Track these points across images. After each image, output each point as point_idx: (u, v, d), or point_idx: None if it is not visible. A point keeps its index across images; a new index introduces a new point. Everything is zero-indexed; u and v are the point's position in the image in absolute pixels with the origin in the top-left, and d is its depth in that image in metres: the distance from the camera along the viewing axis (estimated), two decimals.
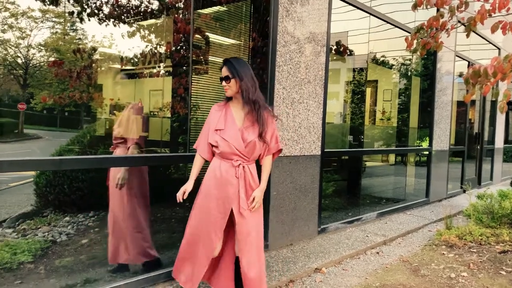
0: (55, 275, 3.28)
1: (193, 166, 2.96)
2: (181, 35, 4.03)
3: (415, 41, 4.40)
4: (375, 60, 7.01)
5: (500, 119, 11.01)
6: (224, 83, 2.88)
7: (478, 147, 10.15)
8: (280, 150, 3.07)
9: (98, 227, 3.82)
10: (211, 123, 2.91)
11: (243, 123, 2.88)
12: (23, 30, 3.49)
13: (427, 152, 7.62)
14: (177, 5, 4.30)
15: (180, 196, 2.85)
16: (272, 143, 2.97)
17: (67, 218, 3.79)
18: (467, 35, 4.16)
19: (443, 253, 4.70)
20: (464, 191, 8.58)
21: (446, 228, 5.47)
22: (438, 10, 4.71)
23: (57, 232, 3.64)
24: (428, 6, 3.93)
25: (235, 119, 2.89)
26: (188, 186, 2.87)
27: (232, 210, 2.87)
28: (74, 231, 3.74)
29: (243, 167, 2.87)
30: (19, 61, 3.61)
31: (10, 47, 3.52)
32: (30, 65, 3.68)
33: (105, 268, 3.42)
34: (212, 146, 2.91)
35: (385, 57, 7.27)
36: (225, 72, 2.87)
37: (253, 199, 2.89)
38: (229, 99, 2.98)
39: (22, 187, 3.85)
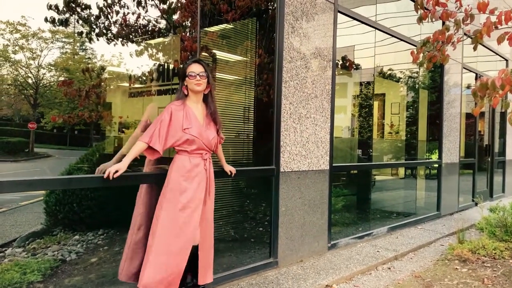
0: None
1: (133, 150, 2.88)
2: (188, 53, 4.08)
3: (421, 55, 4.41)
4: (382, 74, 7.01)
5: (510, 130, 10.90)
6: (198, 77, 3.05)
7: (489, 159, 10.03)
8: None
9: (108, 245, 3.82)
10: (175, 122, 2.99)
11: (204, 121, 3.14)
12: (33, 51, 3.55)
13: (437, 165, 7.55)
14: (184, 23, 4.35)
15: (111, 174, 2.77)
16: (221, 136, 3.34)
17: (76, 237, 3.79)
18: (474, 48, 4.15)
19: (456, 268, 4.62)
20: (476, 204, 8.46)
21: (458, 242, 5.38)
22: (443, 23, 4.72)
23: (66, 251, 3.64)
24: (433, 19, 3.94)
25: (196, 117, 3.09)
26: (122, 167, 2.82)
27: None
28: (84, 249, 3.74)
29: (209, 160, 3.17)
30: (30, 81, 3.66)
31: (21, 68, 3.58)
32: (41, 85, 3.73)
33: (114, 286, 3.40)
34: (177, 144, 3.01)
35: (392, 70, 7.27)
36: (200, 69, 3.08)
37: (231, 172, 3.56)
38: (183, 96, 3.13)
39: (32, 206, 3.87)
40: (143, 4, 4.05)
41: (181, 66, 4.18)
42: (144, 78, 4.26)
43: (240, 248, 4.35)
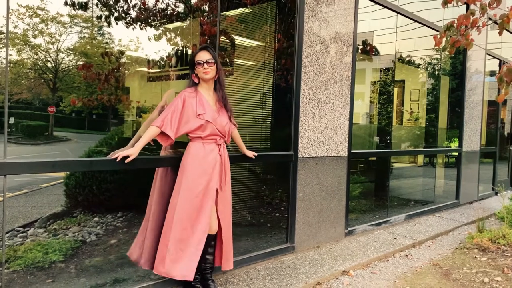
0: (85, 274, 3.33)
1: (146, 135, 2.87)
2: (206, 37, 4.05)
3: (444, 39, 4.30)
4: (402, 60, 6.89)
5: None
6: (206, 65, 3.00)
7: (510, 148, 9.84)
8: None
9: (126, 227, 3.87)
10: (188, 109, 2.97)
11: (216, 107, 3.11)
12: (52, 35, 3.57)
13: (457, 153, 7.43)
14: (202, 7, 4.32)
15: (120, 157, 2.77)
16: (233, 122, 3.30)
17: (96, 219, 3.85)
18: (500, 33, 4.03)
19: (476, 257, 4.56)
20: (496, 193, 8.33)
21: (478, 231, 5.31)
22: (467, 7, 4.59)
23: (86, 232, 3.70)
24: (459, 3, 3.83)
25: (209, 103, 3.07)
26: (134, 152, 2.81)
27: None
28: (103, 231, 3.79)
29: (223, 145, 3.15)
30: (49, 65, 3.69)
31: (40, 52, 3.60)
32: (59, 69, 3.76)
33: (133, 268, 3.45)
34: (191, 130, 2.99)
35: (413, 56, 7.13)
36: (207, 56, 3.03)
37: (253, 155, 3.59)
38: (194, 84, 3.11)
39: (52, 188, 3.93)
40: None
41: None
42: (163, 62, 4.26)
43: (256, 232, 4.36)
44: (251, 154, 3.59)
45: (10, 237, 3.44)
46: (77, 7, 3.59)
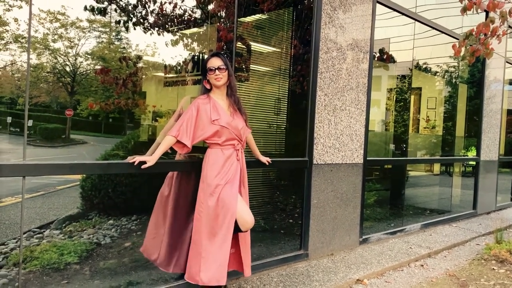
0: (99, 276, 3.35)
1: (163, 144, 2.90)
2: (223, 43, 4.07)
3: (463, 48, 4.25)
4: (419, 67, 6.83)
5: None
6: (218, 71, 3.02)
7: None
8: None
9: (141, 230, 3.88)
10: (203, 116, 2.98)
11: (230, 112, 3.11)
12: (71, 40, 3.63)
13: (475, 162, 7.31)
14: (219, 13, 4.35)
15: (137, 162, 2.82)
16: (247, 126, 3.28)
17: (111, 221, 3.87)
18: None
19: (493, 268, 4.47)
20: None
21: (496, 242, 5.20)
22: (487, 15, 4.53)
23: (101, 235, 3.73)
24: (479, 10, 3.79)
25: (223, 108, 3.08)
26: (151, 160, 2.85)
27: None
28: (118, 234, 3.82)
29: (240, 150, 3.15)
30: (68, 69, 3.75)
31: (59, 56, 3.66)
32: (77, 73, 3.81)
33: (147, 271, 3.46)
34: (207, 137, 3.00)
35: (430, 63, 7.06)
36: (219, 62, 3.03)
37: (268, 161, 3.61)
38: (207, 91, 3.12)
39: (68, 190, 3.98)
40: None
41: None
42: (179, 68, 4.29)
43: (270, 239, 4.35)
44: (265, 160, 3.58)
45: (27, 237, 3.49)
46: (96, 12, 3.65)
